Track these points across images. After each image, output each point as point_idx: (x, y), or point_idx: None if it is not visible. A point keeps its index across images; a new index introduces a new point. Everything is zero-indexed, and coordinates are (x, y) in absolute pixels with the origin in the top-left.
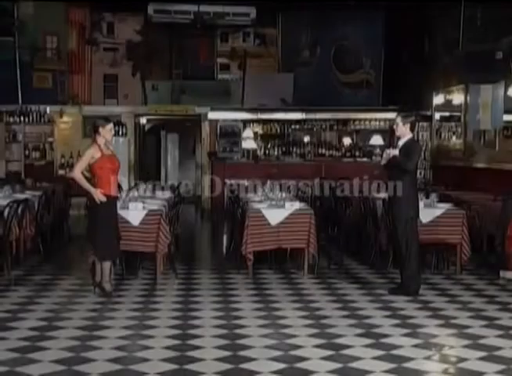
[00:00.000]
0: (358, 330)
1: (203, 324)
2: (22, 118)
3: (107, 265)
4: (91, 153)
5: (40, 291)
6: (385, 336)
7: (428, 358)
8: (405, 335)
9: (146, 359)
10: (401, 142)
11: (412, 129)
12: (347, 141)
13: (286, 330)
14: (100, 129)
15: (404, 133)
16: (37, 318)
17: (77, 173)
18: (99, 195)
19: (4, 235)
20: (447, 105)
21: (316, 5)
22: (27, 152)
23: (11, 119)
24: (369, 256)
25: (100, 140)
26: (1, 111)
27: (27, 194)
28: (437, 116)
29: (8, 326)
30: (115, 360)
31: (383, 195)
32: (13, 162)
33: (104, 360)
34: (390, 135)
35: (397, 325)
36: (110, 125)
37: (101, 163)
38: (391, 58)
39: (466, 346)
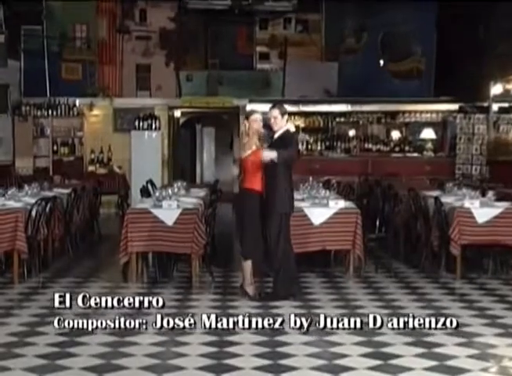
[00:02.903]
0: (408, 339)
1: (241, 330)
2: (50, 111)
3: (248, 265)
4: (246, 142)
5: (69, 292)
6: (437, 345)
7: (486, 370)
8: (460, 345)
9: (180, 367)
10: (276, 135)
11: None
12: (395, 135)
13: (330, 338)
14: (247, 121)
15: (282, 126)
16: (69, 318)
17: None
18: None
19: (32, 235)
20: (506, 95)
21: None
22: (55, 147)
23: (38, 112)
24: (419, 259)
25: (250, 131)
26: (28, 104)
27: (55, 192)
28: (495, 107)
29: (36, 331)
30: (148, 368)
31: (435, 193)
32: (41, 158)
33: (136, 368)
34: (443, 128)
35: (450, 334)
36: (255, 116)
37: (252, 156)
38: (443, 45)
39: None
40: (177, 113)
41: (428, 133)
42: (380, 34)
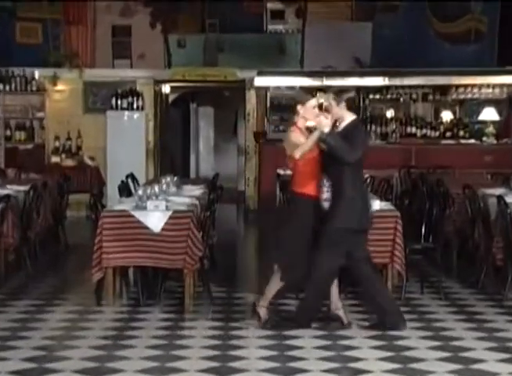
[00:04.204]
0: None
1: (249, 367)
2: (1, 86)
3: (277, 285)
4: (297, 138)
5: (26, 321)
6: None
7: None
8: None
9: None
10: (340, 128)
11: (350, 107)
12: (447, 116)
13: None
14: (298, 108)
15: (342, 116)
16: (22, 358)
17: (299, 156)
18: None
19: None
20: None
21: None
22: (7, 132)
23: None
24: (477, 275)
25: (301, 122)
26: None
27: (9, 189)
28: None
29: None
30: None
31: (498, 190)
32: None
33: None
34: (508, 107)
35: None
36: (313, 102)
37: (308, 154)
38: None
39: None
40: (165, 89)
41: (489, 114)
42: None
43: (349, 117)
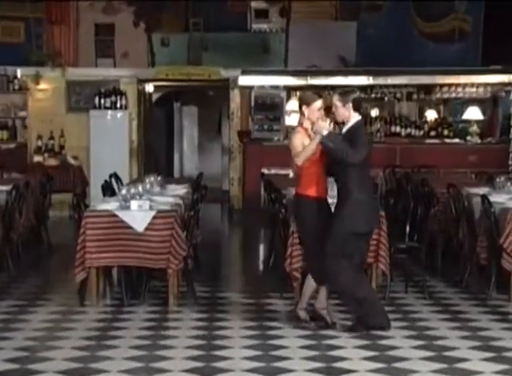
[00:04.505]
0: None
1: (233, 367)
2: None
3: (312, 287)
4: (300, 140)
5: (6, 322)
6: None
7: None
8: None
9: None
10: (344, 129)
11: (357, 108)
12: (431, 115)
13: None
14: (304, 108)
15: (347, 116)
16: (4, 359)
17: (302, 161)
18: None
19: None
20: None
21: None
22: None
23: None
24: (462, 275)
25: (306, 123)
26: None
27: None
28: None
29: None
30: None
31: (482, 190)
32: None
33: None
34: (492, 106)
35: (502, 372)
36: (318, 103)
37: (312, 155)
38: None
39: None
40: (149, 88)
41: (473, 113)
42: None
43: (354, 118)
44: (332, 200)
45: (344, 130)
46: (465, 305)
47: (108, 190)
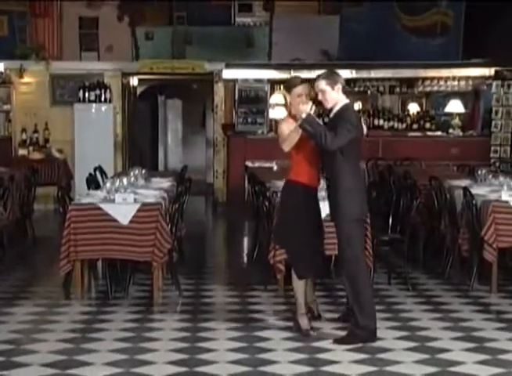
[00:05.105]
0: (431, 369)
1: (217, 359)
2: None
3: (301, 286)
4: (287, 127)
5: None
6: None
7: None
8: None
9: None
10: (332, 114)
11: (344, 91)
12: (413, 108)
13: (331, 368)
14: (287, 97)
15: (337, 100)
16: None
17: (288, 148)
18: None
19: None
20: None
21: None
22: None
23: None
24: (444, 266)
25: (294, 110)
26: None
27: None
28: None
29: None
30: None
31: (464, 182)
32: None
33: None
34: (474, 99)
35: (484, 362)
36: (299, 89)
37: (298, 141)
38: None
39: None
40: (133, 81)
41: (455, 106)
42: None
43: (341, 102)
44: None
45: (331, 115)
46: (447, 297)
47: (93, 183)
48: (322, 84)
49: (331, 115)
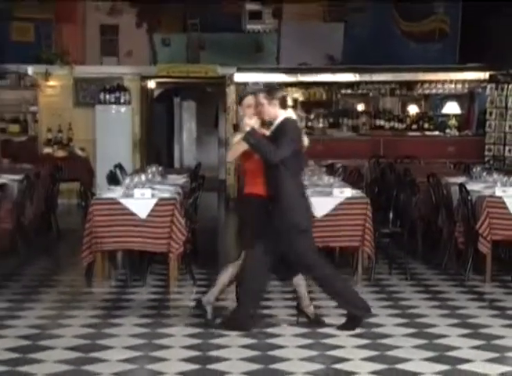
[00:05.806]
0: (429, 354)
1: (230, 343)
2: None
3: (225, 278)
4: (238, 138)
5: (19, 301)
6: (464, 361)
7: None
8: (489, 361)
9: None
10: (273, 127)
11: (284, 106)
12: (413, 109)
13: (335, 352)
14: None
15: (274, 114)
16: (18, 336)
17: (231, 158)
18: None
19: None
20: None
21: None
22: (3, 125)
23: None
24: (441, 258)
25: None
26: None
27: (4, 178)
28: None
29: None
30: None
31: (460, 179)
32: None
33: None
34: (469, 101)
35: (478, 347)
36: (247, 101)
37: (250, 153)
38: (472, 1)
39: None
40: (151, 84)
41: (452, 107)
42: None
43: (281, 116)
44: None
45: (272, 128)
46: (444, 286)
47: (113, 180)
48: (260, 98)
49: (272, 128)
